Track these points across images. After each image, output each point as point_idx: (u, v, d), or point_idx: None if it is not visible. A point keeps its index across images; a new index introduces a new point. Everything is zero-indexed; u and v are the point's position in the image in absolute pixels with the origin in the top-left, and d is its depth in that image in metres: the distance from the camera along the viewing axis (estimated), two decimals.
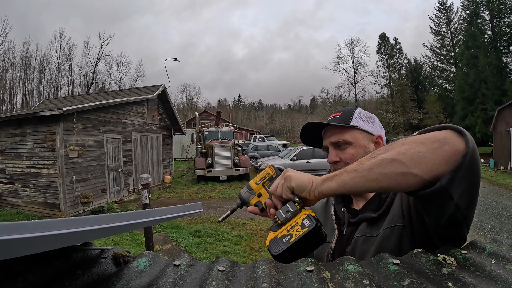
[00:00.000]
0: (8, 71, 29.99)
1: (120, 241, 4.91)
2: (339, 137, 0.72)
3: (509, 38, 16.75)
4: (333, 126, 0.73)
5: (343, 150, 0.72)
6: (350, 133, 0.71)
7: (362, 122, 0.73)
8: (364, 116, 0.75)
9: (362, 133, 0.72)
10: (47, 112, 5.72)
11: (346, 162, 0.70)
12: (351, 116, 0.73)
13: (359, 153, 0.70)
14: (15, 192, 6.33)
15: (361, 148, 0.71)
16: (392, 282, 0.37)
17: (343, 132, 0.72)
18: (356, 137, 0.72)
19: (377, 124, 0.76)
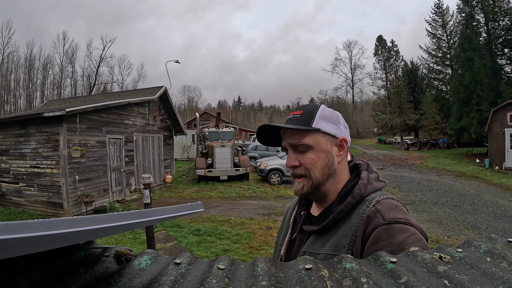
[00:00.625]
0: (12, 73, 30.10)
1: (122, 240, 4.98)
2: (299, 139, 0.64)
3: (504, 40, 16.98)
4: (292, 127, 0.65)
5: (303, 153, 0.64)
6: (311, 136, 0.64)
7: (325, 123, 0.65)
8: (327, 116, 0.66)
9: (325, 136, 0.65)
10: (51, 113, 5.79)
11: (306, 167, 0.64)
12: (313, 117, 0.65)
13: (320, 158, 0.64)
14: (19, 192, 6.38)
15: (322, 152, 0.64)
16: (389, 280, 0.37)
17: (303, 135, 0.64)
18: (317, 141, 0.64)
19: (341, 125, 0.68)
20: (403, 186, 9.28)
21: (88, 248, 0.48)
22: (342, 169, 0.68)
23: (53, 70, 33.11)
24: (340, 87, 39.96)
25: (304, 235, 0.67)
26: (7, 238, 0.22)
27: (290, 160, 0.66)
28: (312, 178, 0.64)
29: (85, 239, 0.39)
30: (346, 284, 0.37)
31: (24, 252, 0.26)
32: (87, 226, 0.29)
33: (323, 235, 0.62)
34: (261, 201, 7.62)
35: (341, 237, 0.59)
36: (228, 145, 9.84)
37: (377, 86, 33.36)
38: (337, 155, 0.66)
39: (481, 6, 17.57)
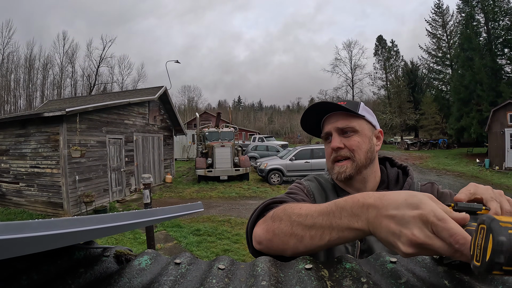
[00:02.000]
0: (12, 73, 30.13)
1: (122, 240, 4.99)
2: (347, 123, 0.68)
3: (504, 40, 16.99)
4: (340, 112, 0.69)
5: (348, 137, 0.68)
6: (358, 122, 0.69)
7: (368, 114, 0.71)
8: (368, 109, 0.73)
9: (368, 124, 0.70)
10: (51, 113, 5.79)
11: (352, 149, 0.67)
12: (358, 106, 0.70)
13: (364, 142, 0.68)
14: (19, 192, 6.38)
15: (366, 138, 0.69)
16: (389, 280, 0.37)
17: (350, 119, 0.68)
18: (362, 127, 0.69)
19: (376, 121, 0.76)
20: None
21: (88, 248, 0.48)
22: (377, 159, 0.74)
23: (53, 70, 33.16)
24: (340, 87, 39.97)
25: None
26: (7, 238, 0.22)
27: (335, 142, 0.68)
28: (356, 160, 0.68)
29: (85, 239, 0.39)
30: (346, 284, 0.36)
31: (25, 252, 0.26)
32: (87, 226, 0.29)
33: None
34: (261, 201, 7.59)
35: None
36: (228, 145, 9.85)
37: (377, 86, 33.39)
38: (376, 144, 0.72)
39: (481, 6, 17.58)
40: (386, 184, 0.71)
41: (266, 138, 22.62)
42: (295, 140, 30.05)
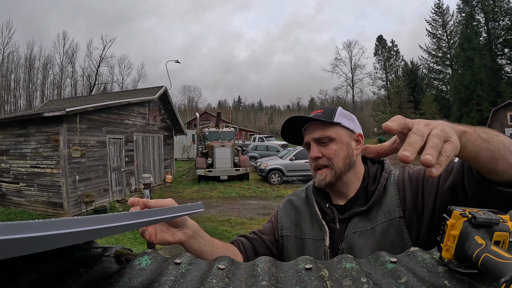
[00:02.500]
0: (12, 73, 30.20)
1: (122, 240, 4.99)
2: (323, 133, 0.71)
3: (504, 40, 17.01)
4: (316, 122, 0.72)
5: (325, 146, 0.71)
6: (333, 129, 0.71)
7: (345, 119, 0.73)
8: (345, 114, 0.75)
9: (345, 130, 0.72)
10: (51, 113, 5.80)
11: (329, 158, 0.70)
12: (333, 114, 0.72)
13: (342, 149, 0.70)
14: (19, 192, 6.39)
15: (343, 144, 0.71)
16: (389, 280, 0.37)
17: (326, 128, 0.71)
18: (339, 134, 0.71)
19: (357, 123, 0.77)
20: None
21: (88, 248, 0.49)
22: (359, 161, 0.75)
23: (53, 70, 33.21)
24: (340, 87, 40.04)
25: (341, 224, 0.70)
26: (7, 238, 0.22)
27: (313, 152, 0.72)
28: (334, 168, 0.70)
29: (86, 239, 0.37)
30: (346, 284, 0.36)
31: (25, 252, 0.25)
32: (88, 227, 0.29)
33: (368, 213, 0.67)
34: (261, 201, 7.63)
35: (389, 204, 0.65)
36: (228, 145, 9.85)
37: (377, 86, 33.43)
38: (355, 148, 0.73)
39: (481, 6, 17.59)
40: (366, 183, 0.72)
41: (266, 138, 22.61)
42: None
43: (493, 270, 0.31)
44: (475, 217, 0.35)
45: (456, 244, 0.36)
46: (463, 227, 0.36)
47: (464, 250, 0.35)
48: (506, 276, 0.27)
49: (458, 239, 0.36)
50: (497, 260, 0.30)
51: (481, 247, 0.33)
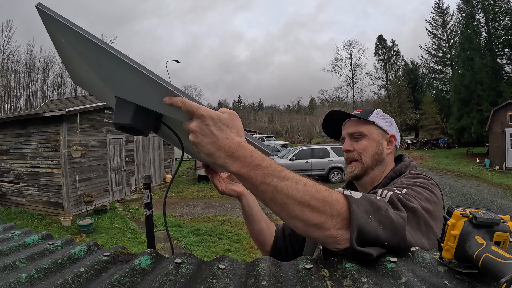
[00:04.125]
0: (13, 73, 30.21)
1: (123, 240, 5.00)
2: (356, 128, 0.76)
3: (504, 40, 16.97)
4: (353, 119, 0.78)
5: (357, 141, 0.76)
6: (366, 127, 0.76)
7: (380, 120, 0.78)
8: (382, 116, 0.80)
9: (378, 129, 0.76)
10: (51, 113, 5.80)
11: (359, 152, 0.75)
12: (370, 113, 0.78)
13: (371, 145, 0.75)
14: (20, 191, 6.39)
15: (374, 142, 0.75)
16: (390, 280, 0.37)
17: (360, 125, 0.76)
18: (371, 131, 0.76)
19: (393, 126, 0.80)
20: None
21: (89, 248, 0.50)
22: (389, 161, 0.78)
23: (53, 70, 33.23)
24: (341, 87, 40.03)
25: None
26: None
27: (345, 145, 0.77)
28: (363, 162, 0.75)
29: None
30: (346, 284, 0.36)
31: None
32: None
33: None
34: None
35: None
36: None
37: (378, 86, 33.39)
38: (386, 147, 0.77)
39: (482, 6, 17.56)
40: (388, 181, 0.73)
41: (266, 137, 22.62)
42: (295, 140, 30.07)
43: (493, 270, 0.30)
44: (475, 217, 0.35)
45: (457, 244, 0.36)
46: (464, 227, 0.36)
47: (464, 250, 0.35)
48: (506, 276, 0.27)
49: (458, 239, 0.36)
50: (498, 260, 0.30)
51: (482, 247, 0.33)
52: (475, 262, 0.33)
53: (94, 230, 5.28)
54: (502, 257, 0.30)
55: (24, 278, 0.40)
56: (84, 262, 0.46)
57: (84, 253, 0.50)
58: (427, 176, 0.65)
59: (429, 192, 0.57)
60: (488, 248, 0.32)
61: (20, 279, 0.40)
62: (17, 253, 0.52)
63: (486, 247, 0.32)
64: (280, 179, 0.39)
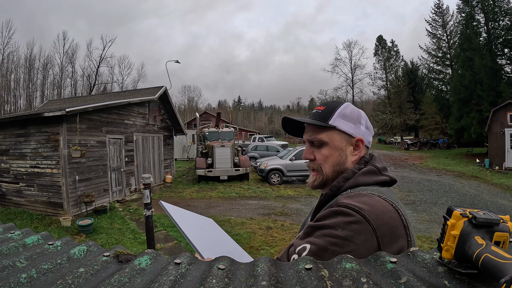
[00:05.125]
0: (12, 73, 30.17)
1: (122, 240, 4.99)
2: (315, 136, 0.67)
3: (504, 40, 16.97)
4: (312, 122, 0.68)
5: (318, 148, 0.67)
6: (327, 133, 0.66)
7: (343, 122, 0.66)
8: (347, 114, 0.67)
9: (341, 134, 0.66)
10: (51, 113, 5.79)
11: (319, 163, 0.67)
12: (332, 114, 0.66)
13: (333, 155, 0.66)
14: (19, 192, 6.39)
15: (336, 150, 0.66)
16: (389, 280, 0.37)
17: (319, 131, 0.67)
18: (332, 138, 0.66)
19: (362, 125, 0.69)
20: (403, 186, 9.28)
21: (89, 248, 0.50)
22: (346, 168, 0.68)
23: (53, 70, 33.20)
24: (340, 87, 40.02)
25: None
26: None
27: (306, 154, 0.70)
28: (323, 174, 0.67)
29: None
30: (346, 284, 0.37)
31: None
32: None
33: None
34: (261, 201, 7.63)
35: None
36: (228, 145, 9.85)
37: (377, 86, 33.38)
38: (351, 154, 0.67)
39: (481, 6, 17.57)
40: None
41: (266, 138, 22.61)
42: (295, 140, 30.04)
43: (493, 270, 0.30)
44: (475, 217, 0.35)
45: (456, 244, 0.36)
46: (464, 227, 0.36)
47: (464, 250, 0.35)
48: (506, 276, 0.27)
49: (458, 239, 0.36)
50: (498, 260, 0.30)
51: (482, 247, 0.33)
52: (475, 262, 0.33)
53: (94, 231, 5.28)
54: (502, 257, 0.30)
55: (24, 278, 0.40)
56: (83, 262, 0.46)
57: (84, 253, 0.50)
58: (354, 207, 0.53)
59: (335, 240, 0.50)
60: (488, 248, 0.32)
61: (20, 279, 0.40)
62: (17, 253, 0.52)
63: (486, 247, 0.32)
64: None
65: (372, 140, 0.74)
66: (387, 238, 0.51)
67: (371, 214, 0.52)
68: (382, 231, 0.51)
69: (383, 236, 0.51)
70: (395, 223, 0.53)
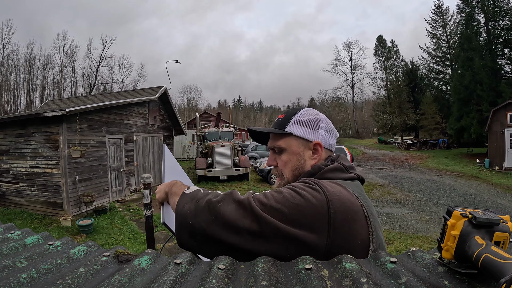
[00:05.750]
0: (12, 73, 30.18)
1: (122, 240, 4.99)
2: (274, 143, 0.71)
3: (504, 40, 16.98)
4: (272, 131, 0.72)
5: (279, 155, 0.71)
6: (284, 140, 0.70)
7: (299, 127, 0.69)
8: (304, 120, 0.70)
9: (297, 140, 0.69)
10: (51, 113, 5.78)
11: (280, 168, 0.71)
12: (289, 121, 0.70)
13: (291, 160, 0.69)
14: (19, 192, 6.38)
15: (294, 155, 0.69)
16: (389, 280, 0.37)
17: (278, 138, 0.71)
18: (290, 144, 0.69)
19: (320, 129, 0.70)
20: (403, 186, 9.28)
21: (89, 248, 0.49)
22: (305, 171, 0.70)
23: (53, 70, 33.21)
24: (340, 87, 40.14)
25: None
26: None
27: (269, 161, 0.75)
28: (284, 179, 0.71)
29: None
30: (346, 284, 0.37)
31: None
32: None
33: None
34: None
35: None
36: (228, 145, 9.85)
37: (377, 86, 33.40)
38: (310, 158, 0.69)
39: (481, 6, 17.57)
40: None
41: None
42: None
43: (493, 270, 0.30)
44: (475, 217, 0.35)
45: (456, 244, 0.36)
46: (464, 227, 0.36)
47: (464, 250, 0.35)
48: (506, 276, 0.27)
49: (458, 239, 0.36)
50: (497, 260, 0.30)
51: (482, 247, 0.33)
52: (474, 262, 0.33)
53: (94, 231, 5.27)
54: (501, 257, 0.30)
55: (24, 278, 0.40)
56: (83, 262, 0.46)
57: (84, 253, 0.50)
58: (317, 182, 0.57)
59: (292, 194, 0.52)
60: (488, 248, 0.32)
61: (20, 279, 0.40)
62: (17, 254, 0.52)
63: (486, 247, 0.32)
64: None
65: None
66: (340, 216, 0.51)
67: (331, 193, 0.54)
68: (337, 206, 0.52)
69: (336, 212, 0.51)
70: (353, 208, 0.54)
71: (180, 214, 0.55)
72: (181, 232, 0.54)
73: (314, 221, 0.49)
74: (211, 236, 0.50)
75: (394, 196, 7.79)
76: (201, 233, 0.51)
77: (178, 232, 0.55)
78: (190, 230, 0.53)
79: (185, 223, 0.54)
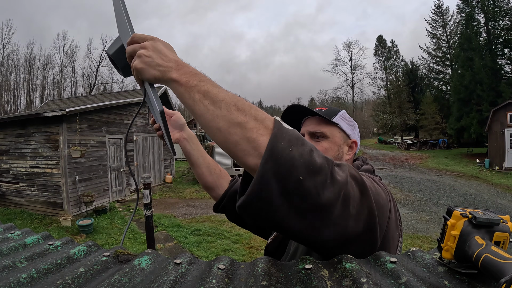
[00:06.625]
0: (12, 73, 30.24)
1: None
2: (318, 128, 0.71)
3: (504, 40, 16.98)
4: (314, 117, 0.72)
5: (318, 141, 0.70)
6: (329, 128, 0.71)
7: (344, 123, 0.72)
8: (347, 118, 0.74)
9: (341, 133, 0.72)
10: (51, 113, 5.79)
11: None
12: (335, 114, 0.73)
13: (332, 149, 0.70)
14: (19, 192, 6.39)
15: (335, 145, 0.70)
16: (389, 280, 0.37)
17: (323, 125, 0.71)
18: (333, 133, 0.71)
19: (356, 131, 0.75)
20: (403, 186, 9.29)
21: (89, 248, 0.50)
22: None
23: (53, 70, 33.26)
24: (340, 87, 40.18)
25: None
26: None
27: None
28: None
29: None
30: (346, 284, 0.36)
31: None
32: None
33: None
34: None
35: None
36: None
37: (377, 86, 33.42)
38: (346, 153, 0.73)
39: (481, 6, 17.58)
40: None
41: None
42: None
43: (493, 271, 0.30)
44: (475, 217, 0.35)
45: (456, 244, 0.36)
46: (464, 227, 0.36)
47: (464, 250, 0.35)
48: (506, 277, 0.27)
49: (458, 239, 0.36)
50: (498, 260, 0.30)
51: (482, 247, 0.33)
52: (475, 262, 0.33)
53: (94, 230, 5.28)
54: (502, 257, 0.30)
55: (24, 278, 0.40)
56: (83, 262, 0.46)
57: (84, 253, 0.50)
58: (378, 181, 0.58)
59: (374, 183, 0.51)
60: (488, 248, 0.32)
61: (20, 279, 0.40)
62: (17, 254, 0.52)
63: (486, 247, 0.32)
64: (212, 86, 0.42)
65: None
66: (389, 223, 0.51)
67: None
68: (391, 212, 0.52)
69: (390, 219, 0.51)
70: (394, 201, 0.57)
71: (286, 158, 0.34)
72: (270, 181, 0.34)
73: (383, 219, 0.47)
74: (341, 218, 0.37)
75: (394, 196, 7.80)
76: (316, 204, 0.35)
77: (264, 178, 0.34)
78: (292, 189, 0.34)
79: (290, 174, 0.34)
